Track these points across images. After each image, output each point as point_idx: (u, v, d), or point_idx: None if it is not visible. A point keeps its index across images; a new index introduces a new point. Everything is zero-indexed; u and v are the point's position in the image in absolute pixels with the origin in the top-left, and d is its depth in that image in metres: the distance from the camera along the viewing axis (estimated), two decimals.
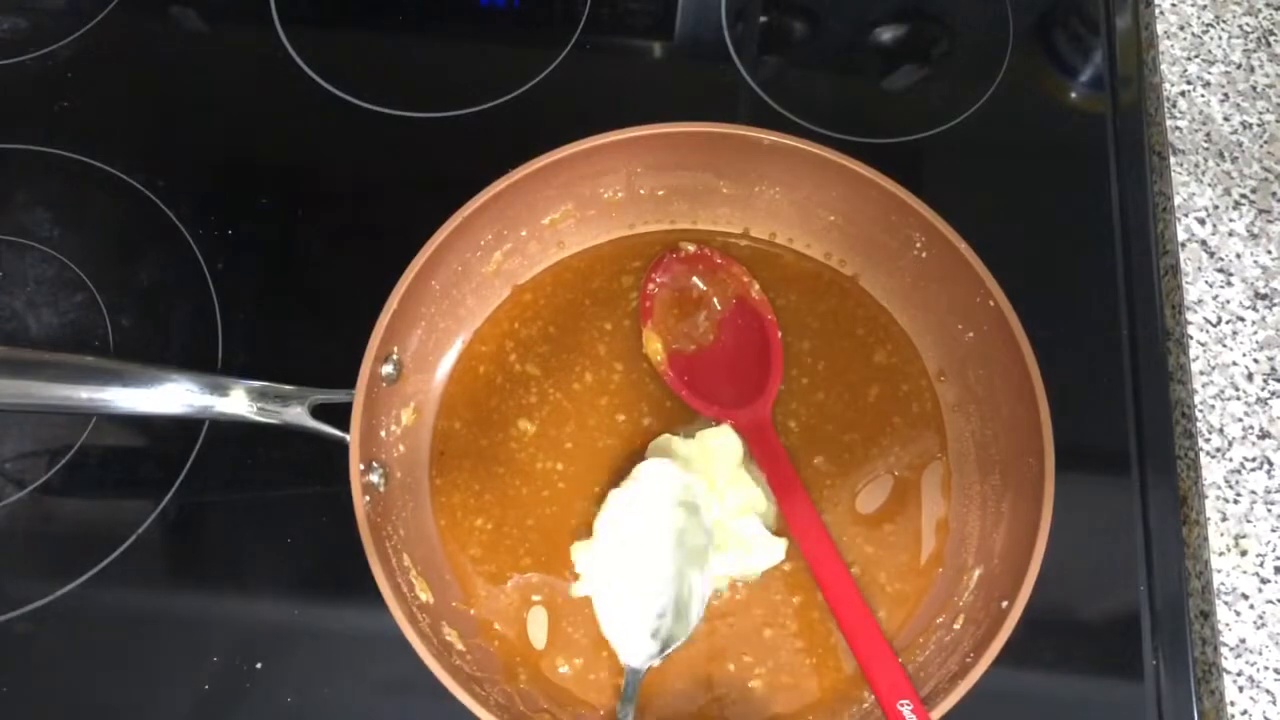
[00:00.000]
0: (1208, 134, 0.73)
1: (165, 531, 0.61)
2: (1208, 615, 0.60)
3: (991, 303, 0.58)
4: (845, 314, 0.66)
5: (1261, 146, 0.72)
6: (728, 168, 0.65)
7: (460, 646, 0.56)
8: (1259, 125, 0.73)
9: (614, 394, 0.64)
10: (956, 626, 0.56)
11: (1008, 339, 0.57)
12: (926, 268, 0.62)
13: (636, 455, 0.62)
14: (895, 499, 0.61)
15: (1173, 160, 0.72)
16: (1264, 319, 0.67)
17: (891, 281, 0.65)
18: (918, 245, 0.62)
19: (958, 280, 0.60)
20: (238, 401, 0.55)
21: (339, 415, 0.55)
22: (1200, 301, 0.67)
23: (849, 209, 0.64)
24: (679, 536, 0.57)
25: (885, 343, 0.65)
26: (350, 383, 0.55)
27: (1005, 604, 0.52)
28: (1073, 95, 0.78)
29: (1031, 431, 0.55)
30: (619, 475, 0.60)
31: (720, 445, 0.60)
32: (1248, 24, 0.77)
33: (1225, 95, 0.74)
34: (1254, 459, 0.63)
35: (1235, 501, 0.62)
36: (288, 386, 0.56)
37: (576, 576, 0.59)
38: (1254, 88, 0.75)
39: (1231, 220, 0.70)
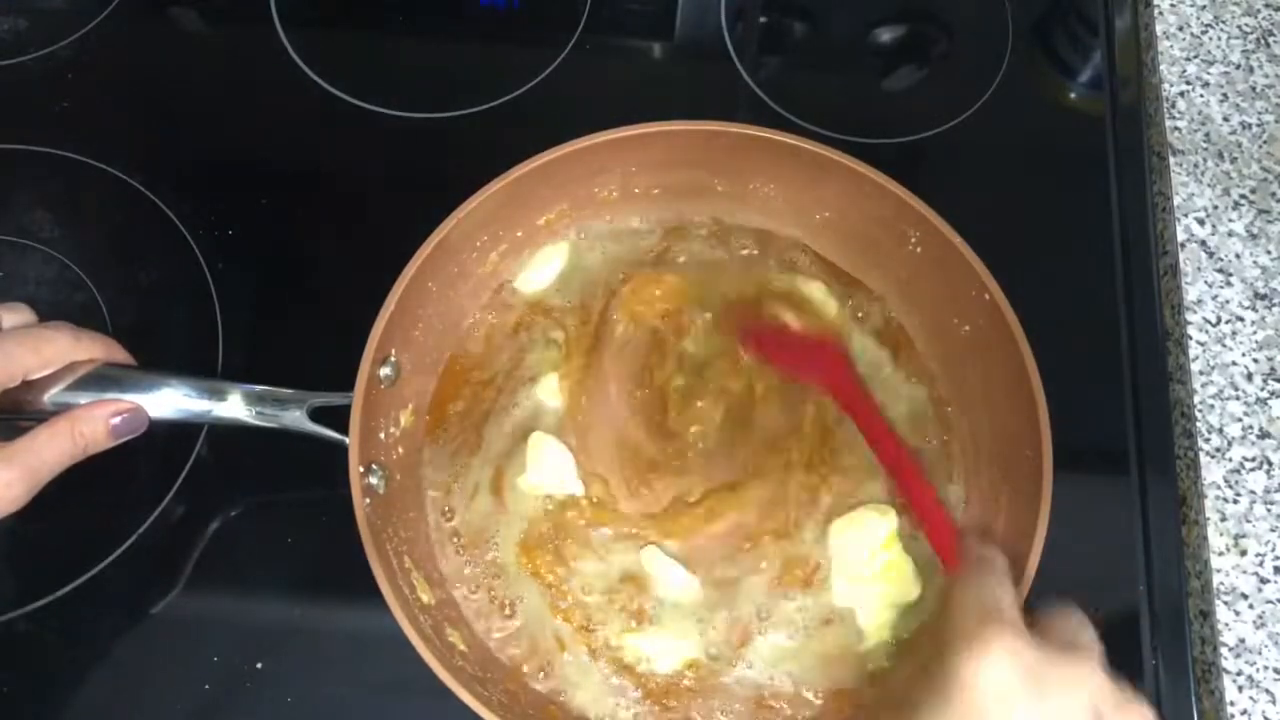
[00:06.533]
0: (1207, 134, 0.73)
1: (165, 531, 0.61)
2: (1207, 615, 0.60)
3: (987, 296, 0.58)
4: None
5: (1261, 147, 0.72)
6: (721, 165, 0.65)
7: (463, 648, 0.55)
8: (1258, 125, 0.73)
9: None
10: None
11: (1003, 331, 0.57)
12: (921, 262, 0.62)
13: None
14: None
15: (1172, 160, 0.72)
16: (1263, 319, 0.67)
17: (887, 277, 0.65)
18: (912, 240, 0.62)
19: (952, 274, 0.60)
20: (235, 406, 0.54)
21: (338, 417, 0.55)
22: (1200, 301, 0.67)
23: (842, 205, 0.64)
24: None
25: None
26: (349, 384, 0.55)
27: None
28: (1072, 96, 0.78)
29: (1029, 424, 0.55)
30: None
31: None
32: (1247, 24, 0.77)
33: (1224, 95, 0.74)
34: (1253, 459, 0.63)
35: (1235, 501, 0.62)
36: (286, 390, 0.55)
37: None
38: (1253, 88, 0.75)
39: (1231, 220, 0.70)
